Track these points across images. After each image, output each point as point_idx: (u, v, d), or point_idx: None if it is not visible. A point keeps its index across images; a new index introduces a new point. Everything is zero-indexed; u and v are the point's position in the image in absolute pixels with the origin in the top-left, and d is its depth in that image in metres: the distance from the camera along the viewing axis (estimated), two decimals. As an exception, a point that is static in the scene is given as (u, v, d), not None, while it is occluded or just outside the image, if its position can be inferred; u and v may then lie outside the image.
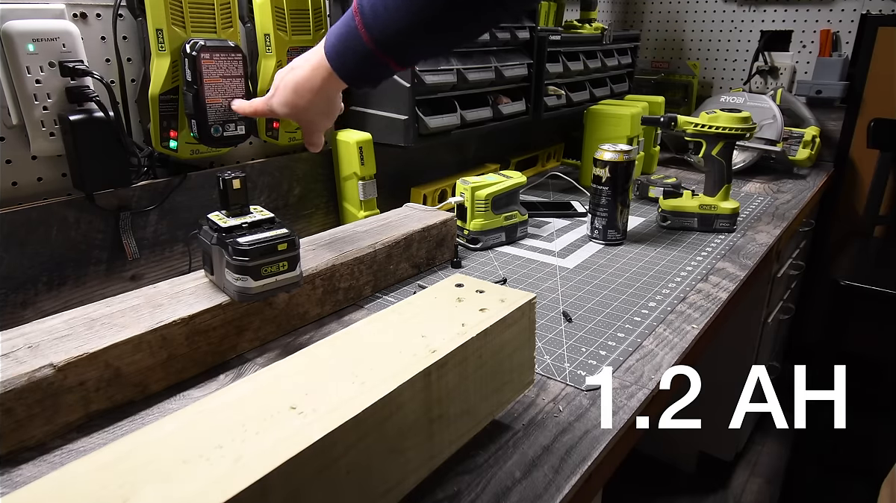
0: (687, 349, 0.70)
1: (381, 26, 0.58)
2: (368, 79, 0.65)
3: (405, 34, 0.59)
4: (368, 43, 0.59)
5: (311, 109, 0.68)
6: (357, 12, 0.60)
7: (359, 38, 0.60)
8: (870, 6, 1.66)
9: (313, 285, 0.73)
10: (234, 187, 0.65)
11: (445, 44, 0.65)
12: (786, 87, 1.77)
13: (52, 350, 0.53)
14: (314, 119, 0.70)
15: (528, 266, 0.94)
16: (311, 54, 0.66)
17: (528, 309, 0.53)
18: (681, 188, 1.17)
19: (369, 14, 0.59)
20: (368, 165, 1.00)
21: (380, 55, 0.60)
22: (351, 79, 0.64)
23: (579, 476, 0.50)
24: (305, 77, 0.65)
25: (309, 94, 0.66)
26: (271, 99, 0.69)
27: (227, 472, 0.32)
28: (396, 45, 0.60)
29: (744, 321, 1.40)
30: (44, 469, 0.49)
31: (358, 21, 0.59)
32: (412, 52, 0.63)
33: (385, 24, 0.58)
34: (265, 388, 0.41)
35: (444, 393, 0.45)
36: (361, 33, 0.59)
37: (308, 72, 0.65)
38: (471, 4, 0.58)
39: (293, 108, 0.68)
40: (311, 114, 0.69)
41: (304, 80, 0.66)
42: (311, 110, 0.68)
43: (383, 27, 0.58)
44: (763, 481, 1.60)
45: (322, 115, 0.70)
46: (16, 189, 0.72)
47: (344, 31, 0.61)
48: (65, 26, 0.70)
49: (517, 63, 1.18)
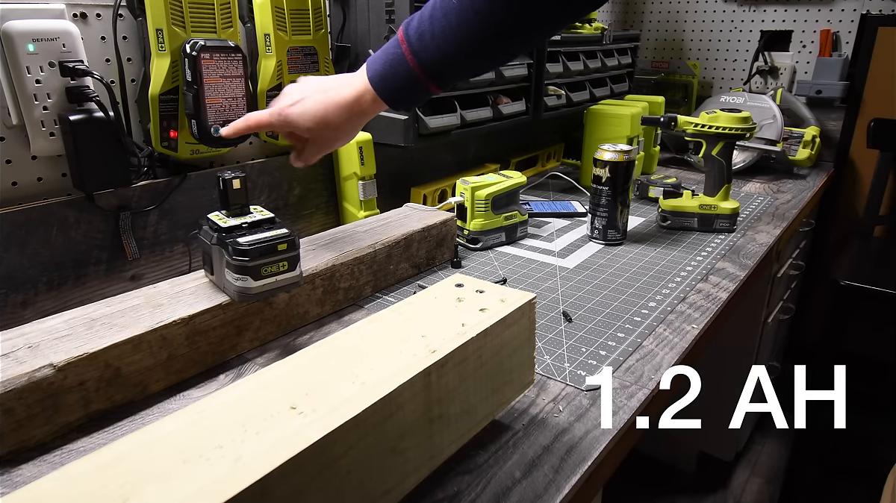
0: (687, 349, 0.70)
1: (427, 54, 0.62)
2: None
3: (450, 61, 0.62)
4: (415, 69, 0.63)
5: (342, 128, 0.68)
6: (403, 41, 0.63)
7: (405, 65, 0.63)
8: (870, 6, 1.66)
9: (313, 285, 0.73)
10: (234, 187, 0.65)
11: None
12: (786, 87, 1.77)
13: (52, 350, 0.53)
14: (337, 138, 0.71)
15: (528, 266, 0.94)
16: (351, 78, 0.67)
17: (528, 309, 0.53)
18: (681, 188, 1.17)
19: (416, 43, 0.62)
20: (368, 165, 1.00)
21: (424, 80, 0.63)
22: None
23: (579, 476, 0.50)
24: (346, 98, 0.66)
25: (347, 115, 0.67)
26: (289, 109, 0.67)
27: (227, 472, 0.32)
28: (441, 70, 0.63)
29: (744, 321, 1.40)
30: (44, 469, 0.49)
31: (405, 49, 0.62)
32: (454, 76, 0.66)
33: (432, 52, 0.62)
34: (265, 388, 0.41)
35: (444, 393, 0.45)
36: (408, 60, 0.62)
37: (351, 93, 0.66)
38: (516, 32, 0.61)
39: (322, 124, 0.67)
40: (339, 132, 0.69)
41: (344, 101, 0.66)
42: (341, 128, 0.69)
43: (430, 55, 0.62)
44: (763, 481, 1.60)
45: (347, 136, 0.71)
46: (16, 189, 0.72)
47: (390, 58, 0.64)
48: (65, 26, 0.70)
49: (517, 63, 1.18)
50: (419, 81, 0.63)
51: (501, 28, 0.60)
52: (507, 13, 0.59)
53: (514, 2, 0.58)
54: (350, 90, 0.66)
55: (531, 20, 0.60)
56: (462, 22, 0.59)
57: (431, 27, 0.61)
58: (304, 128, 0.68)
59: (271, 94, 0.90)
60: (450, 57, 0.62)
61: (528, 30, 0.61)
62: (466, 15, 0.59)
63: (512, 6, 0.59)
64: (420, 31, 0.62)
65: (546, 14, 0.61)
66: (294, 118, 0.67)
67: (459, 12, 0.59)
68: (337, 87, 0.67)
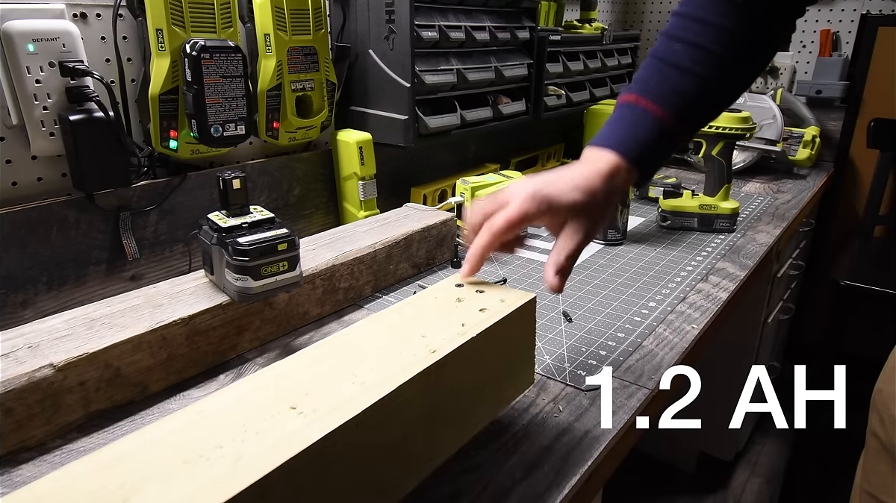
0: (687, 349, 0.70)
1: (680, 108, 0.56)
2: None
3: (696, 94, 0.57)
4: (667, 119, 0.56)
5: (605, 198, 0.55)
6: (634, 100, 0.57)
7: (649, 117, 0.56)
8: (870, 6, 1.66)
9: (313, 285, 0.73)
10: (234, 187, 0.65)
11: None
12: (786, 87, 1.77)
13: (52, 350, 0.53)
14: (604, 212, 0.56)
15: (528, 266, 0.94)
16: (585, 176, 0.54)
17: (528, 309, 0.53)
18: (681, 188, 1.17)
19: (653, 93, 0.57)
20: (368, 165, 1.00)
21: (672, 124, 0.57)
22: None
23: (579, 476, 0.50)
24: (601, 169, 0.55)
25: (607, 185, 0.55)
26: (541, 188, 0.53)
27: (227, 472, 0.32)
28: (687, 110, 0.57)
29: (744, 321, 1.40)
30: (44, 469, 0.49)
31: (639, 102, 0.56)
32: (703, 115, 0.61)
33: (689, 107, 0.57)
34: (265, 388, 0.41)
35: (444, 393, 0.45)
36: (653, 112, 0.56)
37: (604, 166, 0.55)
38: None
39: (586, 193, 0.54)
40: (603, 203, 0.55)
41: (599, 172, 0.54)
42: (605, 199, 0.55)
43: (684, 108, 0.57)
44: (763, 481, 1.60)
45: (608, 210, 0.58)
46: (16, 189, 0.72)
47: (626, 122, 0.57)
48: (65, 26, 0.70)
49: (517, 63, 1.18)
50: (668, 128, 0.56)
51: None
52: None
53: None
54: (601, 164, 0.55)
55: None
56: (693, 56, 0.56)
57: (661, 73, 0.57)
58: (568, 202, 0.53)
59: (271, 94, 0.90)
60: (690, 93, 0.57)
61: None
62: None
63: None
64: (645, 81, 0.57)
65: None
66: (554, 194, 0.53)
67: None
68: (580, 187, 0.54)
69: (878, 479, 0.75)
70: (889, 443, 0.72)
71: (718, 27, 0.56)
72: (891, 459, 0.72)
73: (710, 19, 0.56)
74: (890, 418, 0.73)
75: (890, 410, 0.73)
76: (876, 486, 0.75)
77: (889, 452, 0.72)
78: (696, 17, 0.57)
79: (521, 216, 0.53)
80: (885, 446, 0.73)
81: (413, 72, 0.97)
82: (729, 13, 0.56)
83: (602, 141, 0.57)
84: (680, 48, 0.57)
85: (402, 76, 0.98)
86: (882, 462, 0.74)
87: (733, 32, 0.56)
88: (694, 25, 0.57)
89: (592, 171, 0.55)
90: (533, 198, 0.53)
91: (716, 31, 0.56)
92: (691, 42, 0.57)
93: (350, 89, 1.05)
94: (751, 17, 0.56)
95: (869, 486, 0.76)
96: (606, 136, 0.57)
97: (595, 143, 0.57)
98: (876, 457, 0.75)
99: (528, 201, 0.53)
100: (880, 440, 0.74)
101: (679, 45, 0.57)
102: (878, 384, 0.78)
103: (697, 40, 0.56)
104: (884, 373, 0.78)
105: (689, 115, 0.58)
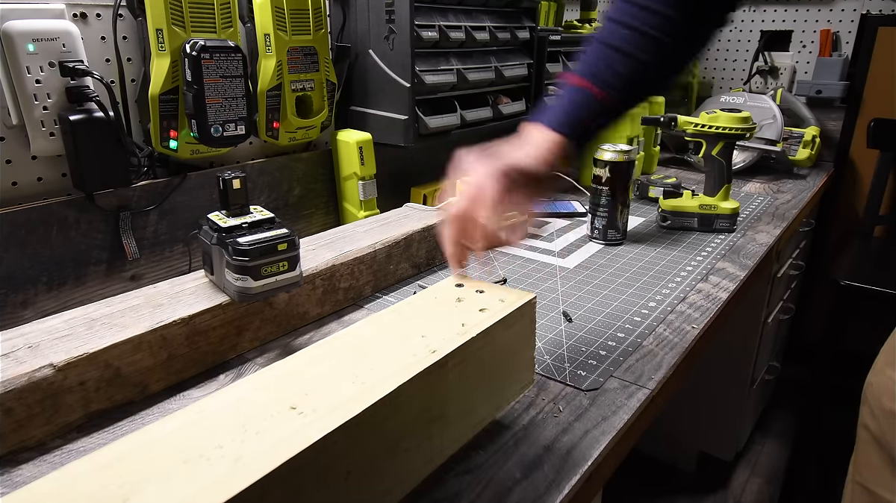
0: (687, 349, 0.70)
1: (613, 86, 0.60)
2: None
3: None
4: (609, 101, 0.60)
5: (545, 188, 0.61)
6: (573, 81, 0.61)
7: (587, 94, 0.60)
8: (870, 6, 1.66)
9: (313, 285, 0.73)
10: (234, 187, 0.65)
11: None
12: (786, 87, 1.77)
13: (52, 350, 0.53)
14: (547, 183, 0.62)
15: (528, 266, 0.94)
16: (528, 148, 0.59)
17: (528, 309, 0.53)
18: (681, 188, 1.17)
19: (590, 75, 0.61)
20: (368, 165, 1.00)
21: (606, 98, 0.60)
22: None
23: (579, 476, 0.50)
24: (535, 159, 0.59)
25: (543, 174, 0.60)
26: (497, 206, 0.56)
27: (227, 472, 0.32)
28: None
29: (744, 321, 1.40)
30: (44, 469, 0.49)
31: (579, 83, 0.61)
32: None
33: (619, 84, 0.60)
34: (265, 388, 0.41)
35: (444, 393, 0.45)
36: (597, 96, 0.60)
37: (537, 153, 0.59)
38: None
39: (539, 160, 0.59)
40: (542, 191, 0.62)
41: (536, 163, 0.59)
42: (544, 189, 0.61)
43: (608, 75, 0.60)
44: (763, 481, 1.60)
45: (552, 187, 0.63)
46: (16, 189, 0.72)
47: (565, 101, 0.61)
48: (65, 26, 0.70)
49: (517, 63, 1.18)
50: (602, 102, 0.60)
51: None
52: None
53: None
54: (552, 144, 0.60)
55: None
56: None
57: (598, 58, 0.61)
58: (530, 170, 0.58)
59: (271, 94, 0.90)
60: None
61: None
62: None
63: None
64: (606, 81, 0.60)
65: None
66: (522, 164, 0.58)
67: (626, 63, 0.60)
68: (524, 160, 0.58)
69: (870, 471, 0.75)
70: (880, 435, 0.73)
71: (662, 15, 0.59)
72: (882, 451, 0.73)
73: (653, 7, 0.59)
74: (881, 410, 0.73)
75: (880, 403, 0.74)
76: (868, 478, 0.76)
77: (880, 444, 0.73)
78: (641, 5, 0.59)
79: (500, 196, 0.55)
80: (877, 438, 0.74)
81: (413, 72, 0.97)
82: (671, 3, 0.59)
83: (553, 124, 0.61)
84: (626, 34, 0.60)
85: (402, 76, 0.98)
86: (874, 454, 0.74)
87: (674, 21, 0.59)
88: (639, 12, 0.59)
89: (542, 149, 0.60)
90: (504, 173, 0.56)
91: (659, 18, 0.59)
92: (636, 28, 0.59)
93: (350, 89, 1.05)
94: (690, 9, 0.59)
95: (861, 478, 0.77)
96: (557, 118, 0.62)
97: (543, 123, 0.61)
98: (868, 450, 0.76)
99: (501, 178, 0.56)
100: (871, 432, 0.75)
101: (625, 31, 0.60)
102: (869, 377, 0.79)
103: (642, 27, 0.59)
104: (874, 367, 0.79)
105: (629, 97, 0.63)
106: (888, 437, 0.72)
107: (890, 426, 0.72)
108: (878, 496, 0.74)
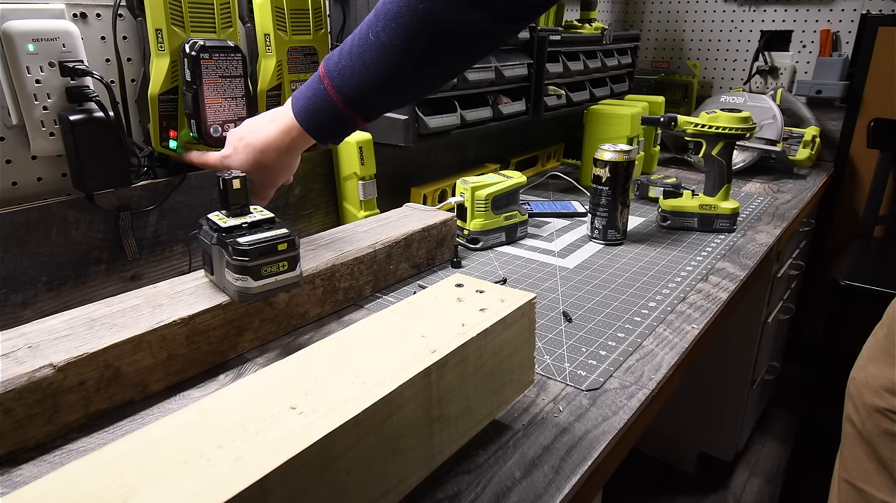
0: (687, 349, 0.70)
1: (349, 88, 0.62)
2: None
3: (373, 93, 0.62)
4: (339, 104, 0.63)
5: (277, 168, 0.70)
6: (325, 76, 0.63)
7: (329, 100, 0.64)
8: (870, 6, 1.66)
9: (313, 285, 0.73)
10: (234, 187, 0.65)
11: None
12: (786, 87, 1.77)
13: (52, 350, 0.53)
14: (277, 177, 0.72)
15: (528, 266, 0.94)
16: (277, 115, 0.68)
17: (528, 309, 0.53)
18: (681, 188, 1.17)
19: (337, 77, 0.62)
20: (368, 165, 1.00)
21: (349, 113, 0.64)
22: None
23: (579, 476, 0.50)
24: (274, 137, 0.68)
25: (276, 153, 0.69)
26: (227, 159, 0.71)
27: (227, 472, 0.32)
28: (364, 103, 0.64)
29: (744, 321, 1.40)
30: (44, 469, 0.49)
31: (327, 84, 0.63)
32: (379, 108, 0.66)
33: (354, 85, 0.62)
34: (265, 388, 0.41)
35: (444, 393, 0.45)
36: (331, 94, 0.63)
37: (277, 133, 0.68)
38: (433, 61, 0.61)
39: (258, 166, 0.69)
40: (275, 172, 0.71)
41: (273, 141, 0.68)
42: (276, 168, 0.70)
43: (352, 88, 0.62)
44: (763, 481, 1.60)
45: (286, 172, 0.73)
46: (16, 189, 0.72)
47: (313, 94, 0.65)
48: (65, 26, 0.70)
49: (517, 63, 1.18)
50: (343, 115, 0.64)
51: (417, 60, 0.60)
52: (421, 47, 0.59)
53: (426, 35, 0.58)
54: (276, 128, 0.68)
55: (442, 51, 0.60)
56: (378, 56, 0.60)
57: (351, 62, 0.61)
58: (246, 173, 0.68)
59: (271, 94, 0.90)
60: (374, 89, 0.62)
61: (441, 60, 0.61)
62: (382, 51, 0.60)
63: (424, 40, 0.58)
64: (340, 67, 0.62)
65: (455, 47, 0.60)
66: (233, 165, 0.70)
67: (376, 48, 0.60)
68: (265, 127, 0.68)
69: (855, 467, 0.76)
70: (864, 430, 0.73)
71: (407, 31, 0.58)
72: (866, 446, 0.73)
73: (401, 21, 0.58)
74: (864, 405, 0.74)
75: (863, 398, 0.74)
76: (854, 474, 0.76)
77: (864, 439, 0.74)
78: (391, 17, 0.59)
79: (212, 167, 0.73)
80: (861, 433, 0.74)
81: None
82: (412, 22, 0.58)
83: (295, 100, 0.67)
84: (372, 41, 0.60)
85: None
86: (858, 449, 0.75)
87: (415, 42, 0.59)
88: (391, 24, 0.59)
89: (267, 137, 0.68)
90: (222, 164, 0.71)
91: (402, 34, 0.58)
92: (382, 43, 0.59)
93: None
94: (430, 32, 0.58)
95: (847, 474, 0.77)
96: (299, 98, 0.66)
97: (293, 111, 0.66)
98: (852, 445, 0.76)
99: (219, 163, 0.71)
100: (856, 427, 0.75)
101: (372, 38, 0.60)
102: (853, 373, 0.79)
103: (389, 41, 0.59)
104: (858, 362, 0.80)
105: (363, 109, 0.64)
106: (871, 432, 0.72)
107: (872, 421, 0.72)
108: (862, 491, 0.74)
